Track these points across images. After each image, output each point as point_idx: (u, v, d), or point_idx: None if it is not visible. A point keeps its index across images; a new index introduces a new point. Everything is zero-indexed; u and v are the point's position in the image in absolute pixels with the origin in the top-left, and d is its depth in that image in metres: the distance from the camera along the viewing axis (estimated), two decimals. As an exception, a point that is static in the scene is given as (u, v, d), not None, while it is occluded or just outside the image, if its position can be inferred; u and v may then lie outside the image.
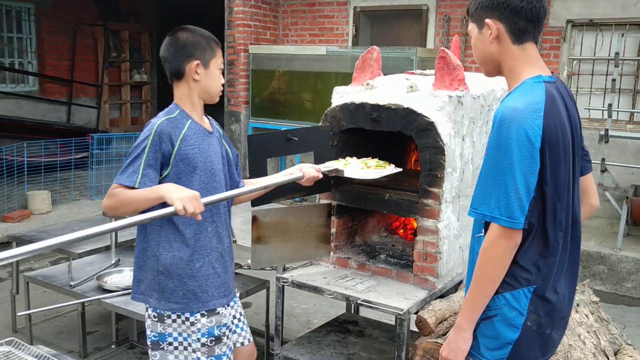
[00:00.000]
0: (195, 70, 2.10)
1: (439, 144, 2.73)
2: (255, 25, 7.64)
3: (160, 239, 2.09)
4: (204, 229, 2.13)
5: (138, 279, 2.16)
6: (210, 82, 2.15)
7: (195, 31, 2.15)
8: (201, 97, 2.17)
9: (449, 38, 6.82)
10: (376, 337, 3.26)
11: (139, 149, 2.02)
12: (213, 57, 2.14)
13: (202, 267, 2.13)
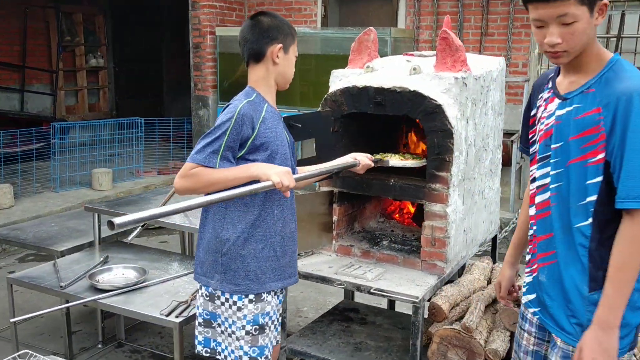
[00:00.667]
0: (277, 54, 2.16)
1: (447, 127, 2.67)
2: (221, 7, 7.41)
3: (224, 221, 2.13)
4: (270, 211, 2.16)
5: (201, 260, 2.19)
6: (288, 67, 2.23)
7: (277, 16, 2.22)
8: (277, 82, 2.23)
9: (420, 17, 6.78)
10: (379, 324, 3.22)
11: (219, 131, 2.02)
12: (292, 44, 2.22)
13: (264, 248, 2.17)
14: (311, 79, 6.67)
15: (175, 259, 3.38)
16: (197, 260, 2.23)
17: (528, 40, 6.33)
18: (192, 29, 7.35)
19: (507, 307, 2.59)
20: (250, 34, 2.17)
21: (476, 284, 2.88)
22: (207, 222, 2.18)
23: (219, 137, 2.02)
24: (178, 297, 2.79)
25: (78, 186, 6.94)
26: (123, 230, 3.21)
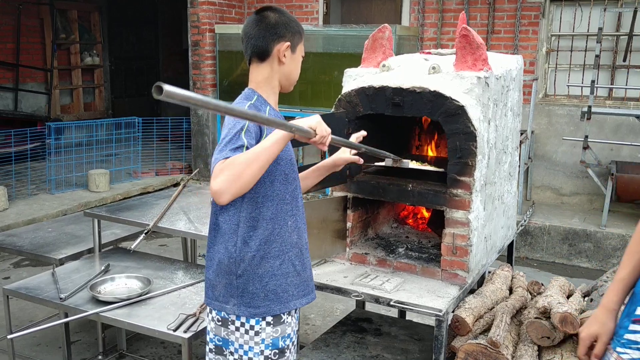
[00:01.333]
0: (284, 53, 1.97)
1: (470, 129, 2.53)
2: (220, 3, 7.24)
3: (237, 240, 1.93)
4: (284, 223, 1.98)
5: (212, 283, 2.00)
6: (294, 68, 2.04)
7: (285, 12, 2.02)
8: (281, 83, 2.04)
9: (424, 15, 6.63)
10: (395, 335, 3.07)
11: (235, 129, 1.81)
12: (300, 43, 2.04)
13: (282, 264, 1.98)
14: (312, 78, 6.51)
15: (179, 267, 3.23)
16: (207, 283, 2.03)
17: (535, 38, 6.19)
18: (190, 27, 7.18)
19: (535, 319, 2.45)
20: (256, 29, 1.97)
21: (499, 294, 2.74)
22: (216, 241, 1.99)
23: (237, 133, 1.81)
24: (185, 310, 2.64)
25: (74, 187, 6.77)
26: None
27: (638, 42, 5.82)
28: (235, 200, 1.90)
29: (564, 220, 5.76)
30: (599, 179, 5.68)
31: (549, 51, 6.26)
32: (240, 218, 1.93)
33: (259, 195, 1.91)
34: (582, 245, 5.54)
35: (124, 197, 6.78)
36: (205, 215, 3.36)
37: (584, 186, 6.23)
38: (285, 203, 1.97)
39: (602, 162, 5.78)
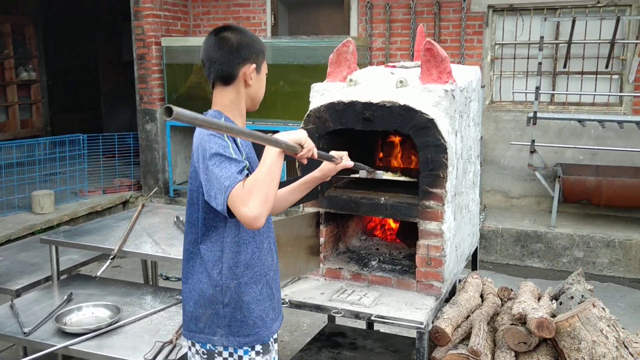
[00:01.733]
0: (250, 75, 1.91)
1: (441, 141, 2.57)
2: (165, 16, 7.10)
3: (222, 267, 1.86)
4: (261, 246, 1.94)
5: (194, 316, 1.90)
6: (259, 88, 1.99)
7: (245, 32, 1.94)
8: (247, 104, 1.98)
9: (372, 25, 6.72)
10: (370, 348, 3.08)
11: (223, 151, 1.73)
12: (264, 61, 1.98)
13: (262, 288, 1.94)
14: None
15: (147, 291, 3.12)
16: (187, 316, 1.93)
17: (480, 46, 6.39)
18: (135, 40, 6.99)
19: (511, 326, 2.51)
20: (219, 53, 1.88)
21: (472, 302, 2.79)
22: (195, 270, 1.90)
23: (227, 154, 1.73)
24: (160, 337, 2.55)
25: (17, 210, 6.45)
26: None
27: (576, 50, 6.09)
28: (217, 226, 1.86)
29: (515, 223, 5.94)
30: (545, 181, 5.90)
31: (494, 59, 6.47)
32: (224, 244, 1.87)
33: None
34: (534, 246, 5.73)
35: (71, 217, 6.53)
36: (171, 237, 3.27)
37: (532, 188, 6.46)
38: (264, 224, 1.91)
39: (548, 165, 6.01)
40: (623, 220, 5.99)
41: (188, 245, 1.93)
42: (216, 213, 1.83)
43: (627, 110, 6.12)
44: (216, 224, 1.87)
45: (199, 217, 1.88)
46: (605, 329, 2.41)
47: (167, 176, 7.22)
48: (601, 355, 2.36)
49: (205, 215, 1.86)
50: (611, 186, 5.53)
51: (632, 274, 5.48)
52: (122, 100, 11.27)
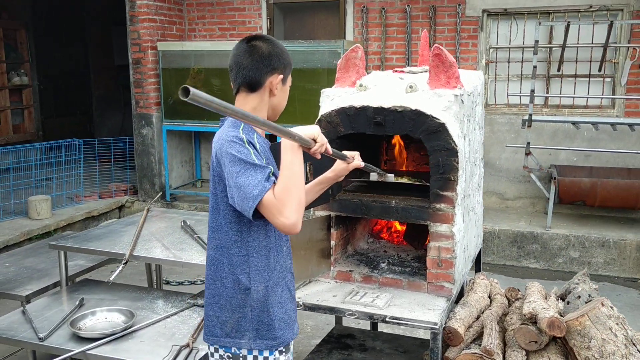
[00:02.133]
0: (276, 85, 1.96)
1: (451, 145, 2.62)
2: (161, 20, 7.10)
3: (250, 270, 1.90)
4: (280, 249, 1.98)
5: (220, 320, 1.93)
6: (283, 99, 2.05)
7: (276, 43, 1.99)
8: (269, 113, 2.02)
9: (368, 30, 6.78)
10: (380, 349, 3.12)
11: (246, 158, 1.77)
12: (290, 73, 2.03)
13: (282, 291, 1.98)
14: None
15: (158, 295, 3.14)
16: (212, 321, 1.95)
17: (475, 50, 6.47)
18: (131, 44, 6.99)
19: (522, 325, 2.56)
20: (249, 60, 1.92)
21: (482, 302, 2.85)
22: (221, 275, 1.92)
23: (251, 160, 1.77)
24: (176, 341, 2.57)
25: (13, 216, 6.41)
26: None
27: (569, 53, 6.19)
28: (241, 230, 1.89)
29: (512, 224, 6.02)
30: (540, 182, 5.99)
31: (488, 62, 6.55)
32: (249, 247, 1.90)
33: (266, 222, 1.87)
34: (530, 247, 5.81)
35: (68, 223, 6.50)
36: (180, 241, 3.29)
37: (526, 190, 6.54)
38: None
39: (543, 166, 6.09)
40: (617, 220, 6.10)
41: (211, 251, 1.96)
42: (240, 217, 1.86)
43: (619, 112, 6.23)
44: (241, 228, 1.89)
45: (222, 222, 1.91)
46: (614, 327, 2.47)
47: (163, 180, 7.22)
48: (611, 353, 2.42)
49: (231, 219, 1.89)
50: (605, 187, 5.63)
51: (627, 273, 5.58)
52: (113, 105, 11.24)
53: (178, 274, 5.53)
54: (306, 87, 6.29)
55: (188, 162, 7.70)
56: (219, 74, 6.61)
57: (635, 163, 6.09)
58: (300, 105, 6.32)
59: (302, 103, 6.31)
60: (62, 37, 10.54)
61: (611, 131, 6.00)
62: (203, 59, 6.69)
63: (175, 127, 7.03)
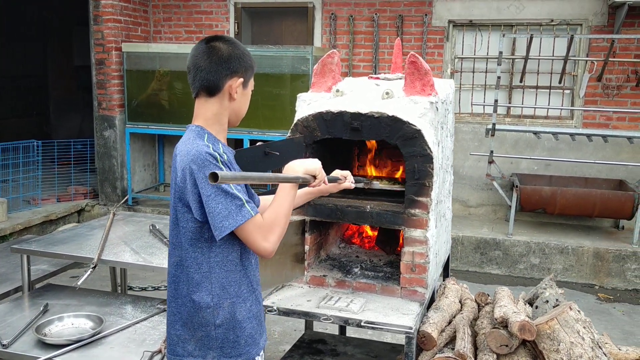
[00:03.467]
0: (236, 89, 1.86)
1: (427, 152, 2.66)
2: (126, 21, 6.98)
3: (212, 288, 1.81)
4: (248, 262, 1.90)
5: (182, 338, 1.83)
6: (244, 104, 1.94)
7: (237, 45, 1.89)
8: (230, 119, 1.93)
9: (336, 36, 6.82)
10: (352, 354, 3.12)
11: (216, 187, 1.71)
12: (251, 77, 1.94)
13: (252, 305, 1.91)
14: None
15: (126, 300, 3.06)
16: (174, 339, 1.85)
17: (441, 60, 6.59)
18: (94, 44, 6.84)
19: (493, 329, 2.60)
20: (207, 62, 1.82)
21: (453, 307, 2.88)
22: (182, 292, 1.83)
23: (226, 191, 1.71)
24: (147, 347, 2.51)
25: (-34, 219, 6.16)
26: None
27: (531, 65, 6.37)
28: (202, 247, 1.80)
29: (475, 231, 6.14)
30: (502, 190, 6.13)
31: (453, 72, 6.68)
32: (211, 264, 1.81)
33: (230, 236, 1.78)
34: (492, 253, 5.93)
35: (25, 227, 6.29)
36: (149, 245, 3.23)
37: (489, 198, 6.68)
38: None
39: (505, 175, 6.24)
40: (575, 228, 6.29)
41: (171, 268, 1.87)
42: (202, 234, 1.79)
43: (577, 123, 6.43)
44: (201, 245, 1.80)
45: (182, 240, 1.82)
46: (581, 331, 2.54)
47: (125, 184, 7.07)
48: (578, 356, 2.48)
49: (191, 236, 1.80)
50: (565, 196, 5.80)
51: (584, 279, 5.75)
52: (72, 106, 10.96)
53: (141, 280, 5.42)
54: (273, 92, 6.28)
55: (151, 166, 7.56)
56: (184, 77, 6.51)
57: (592, 172, 6.30)
58: (266, 111, 6.30)
59: (269, 108, 6.29)
60: (20, 38, 10.23)
61: (570, 141, 6.19)
62: (169, 62, 6.59)
63: (138, 130, 6.90)
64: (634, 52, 6.11)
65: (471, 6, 6.41)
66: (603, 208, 5.72)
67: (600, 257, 5.65)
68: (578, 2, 6.19)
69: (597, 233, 6.14)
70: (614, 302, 5.33)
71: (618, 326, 4.75)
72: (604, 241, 5.85)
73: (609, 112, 6.22)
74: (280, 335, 4.36)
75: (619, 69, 6.19)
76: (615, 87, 6.22)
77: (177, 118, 6.60)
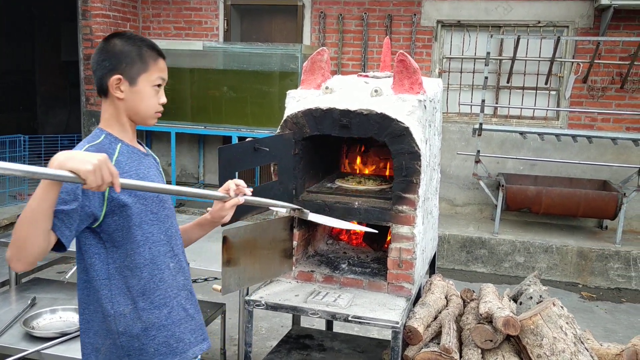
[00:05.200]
0: (115, 87, 1.75)
1: (415, 149, 2.69)
2: (115, 16, 6.95)
3: (111, 295, 1.73)
4: (165, 266, 1.81)
5: (94, 347, 1.77)
6: (139, 102, 1.78)
7: (130, 39, 1.78)
8: (132, 119, 1.81)
9: (325, 35, 6.85)
10: (338, 349, 3.15)
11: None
12: (144, 72, 1.77)
13: (171, 312, 1.81)
14: (216, 95, 6.45)
15: (114, 295, 3.06)
16: (87, 348, 1.78)
17: (429, 59, 6.64)
18: (82, 40, 6.81)
19: (478, 324, 2.65)
20: (94, 61, 1.77)
21: (439, 303, 2.92)
22: (90, 298, 1.75)
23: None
24: (136, 340, 2.51)
25: (-49, 213, 6.12)
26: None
27: (518, 66, 6.44)
28: (99, 253, 1.72)
29: (461, 229, 6.20)
30: (488, 189, 6.19)
31: (441, 72, 6.73)
32: (110, 270, 1.73)
33: (127, 242, 1.72)
34: (478, 252, 5.99)
35: (11, 222, 6.24)
36: (138, 240, 3.23)
37: (475, 197, 6.75)
38: (162, 244, 1.81)
39: (491, 174, 6.30)
40: (559, 227, 6.37)
41: (80, 273, 1.79)
42: (96, 239, 1.72)
43: (563, 124, 6.52)
44: (98, 251, 1.73)
45: (80, 245, 1.75)
46: (564, 326, 2.59)
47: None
48: (561, 351, 2.53)
49: (86, 241, 1.73)
50: (550, 195, 5.87)
51: (568, 277, 5.83)
52: (59, 102, 10.89)
53: (128, 276, 5.41)
54: (262, 90, 6.30)
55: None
56: (173, 73, 6.50)
57: (577, 173, 6.38)
58: (255, 108, 6.32)
59: (257, 106, 6.31)
60: (7, 33, 10.15)
61: (556, 142, 6.27)
62: (158, 58, 6.57)
63: (126, 126, 6.86)
64: (619, 54, 6.21)
65: (459, 7, 6.47)
66: (587, 208, 5.80)
67: (584, 256, 5.74)
68: (565, 4, 6.27)
69: (581, 232, 6.22)
70: (596, 301, 5.41)
71: (600, 324, 4.83)
72: (587, 241, 5.94)
73: (594, 113, 6.31)
74: (267, 331, 4.38)
75: (604, 71, 6.28)
76: (600, 88, 6.31)
77: (165, 114, 6.52)
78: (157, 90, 1.82)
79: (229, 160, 2.54)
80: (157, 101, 1.83)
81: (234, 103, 6.34)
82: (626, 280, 5.66)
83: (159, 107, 1.84)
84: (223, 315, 3.13)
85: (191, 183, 7.46)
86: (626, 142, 6.06)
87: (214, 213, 1.95)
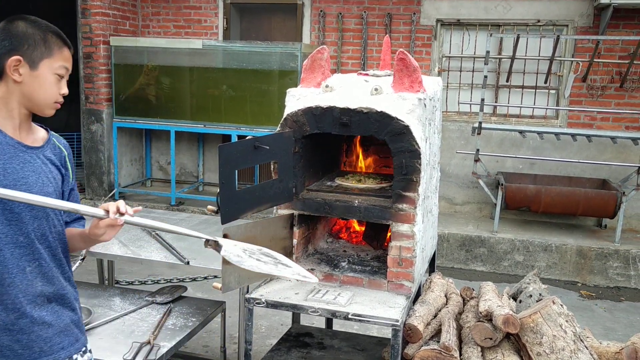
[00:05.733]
0: (13, 69, 1.67)
1: (415, 147, 2.69)
2: (114, 15, 6.95)
3: None
4: (19, 270, 1.68)
5: None
6: (37, 88, 1.69)
7: (34, 22, 1.72)
8: (23, 105, 1.70)
9: (325, 34, 6.85)
10: (338, 347, 3.16)
11: None
12: (47, 57, 1.70)
13: (19, 318, 1.69)
14: (215, 93, 6.45)
15: (114, 293, 3.07)
16: None
17: (429, 58, 6.64)
18: (82, 38, 6.80)
19: (478, 322, 2.65)
20: None
21: (439, 301, 2.93)
22: None
23: None
24: (136, 338, 2.52)
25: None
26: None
27: (518, 65, 6.45)
28: None
29: (460, 228, 6.20)
30: (487, 188, 6.20)
31: (441, 71, 6.74)
32: None
33: None
34: (477, 251, 6.00)
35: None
36: (138, 238, 3.24)
37: (474, 195, 6.75)
38: (19, 246, 1.68)
39: (491, 173, 6.31)
40: (558, 226, 6.38)
41: None
42: None
43: (562, 123, 6.52)
44: None
45: None
46: (564, 324, 2.59)
47: (112, 179, 7.05)
48: (560, 349, 2.54)
49: None
50: (549, 194, 5.88)
51: (567, 276, 5.84)
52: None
53: (128, 274, 5.42)
54: (262, 89, 6.30)
55: (138, 161, 7.54)
56: (173, 71, 6.52)
57: (576, 172, 6.39)
58: (255, 107, 6.32)
59: (257, 104, 6.31)
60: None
61: (555, 141, 6.28)
62: (157, 56, 6.58)
63: (126, 125, 6.87)
64: (619, 53, 6.21)
65: (459, 5, 6.47)
66: (586, 207, 5.81)
67: (583, 255, 5.75)
68: (564, 3, 6.28)
69: (580, 231, 6.23)
70: (596, 299, 5.42)
71: (600, 322, 4.84)
72: (587, 239, 5.94)
73: (593, 112, 6.31)
74: (267, 330, 4.39)
75: (603, 70, 6.29)
76: (600, 87, 6.32)
77: (164, 113, 6.59)
78: (58, 79, 1.73)
79: (229, 158, 2.54)
80: (58, 91, 1.73)
81: (234, 101, 6.34)
82: (625, 279, 5.68)
83: (59, 98, 1.75)
84: (223, 314, 3.14)
85: (191, 181, 7.46)
86: (625, 141, 6.07)
87: (90, 230, 1.78)
